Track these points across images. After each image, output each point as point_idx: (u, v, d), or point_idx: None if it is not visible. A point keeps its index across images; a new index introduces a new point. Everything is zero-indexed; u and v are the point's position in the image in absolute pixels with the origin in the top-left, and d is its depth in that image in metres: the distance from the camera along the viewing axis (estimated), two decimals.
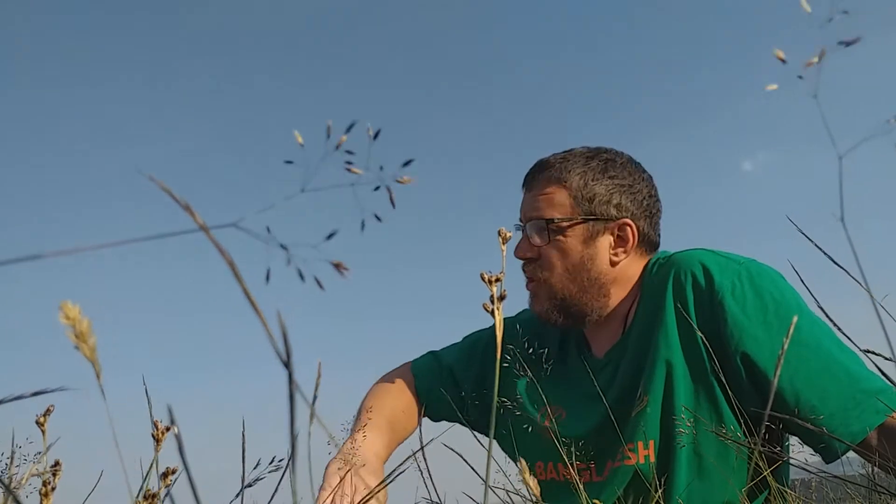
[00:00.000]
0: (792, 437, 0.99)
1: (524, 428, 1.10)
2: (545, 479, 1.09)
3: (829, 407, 0.85)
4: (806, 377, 0.87)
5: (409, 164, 0.35)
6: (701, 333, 0.94)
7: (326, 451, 1.00)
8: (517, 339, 1.17)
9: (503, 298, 0.36)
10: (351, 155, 0.35)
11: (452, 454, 0.90)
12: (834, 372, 0.87)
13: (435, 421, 1.26)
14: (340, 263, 0.32)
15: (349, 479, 0.96)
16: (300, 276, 0.32)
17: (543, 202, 1.06)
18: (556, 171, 1.06)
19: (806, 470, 0.86)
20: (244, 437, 0.78)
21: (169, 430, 0.44)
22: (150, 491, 0.41)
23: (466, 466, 0.88)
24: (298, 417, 0.30)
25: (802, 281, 0.77)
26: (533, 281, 1.08)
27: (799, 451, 0.93)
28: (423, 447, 0.85)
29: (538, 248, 1.06)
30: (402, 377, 1.24)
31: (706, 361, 0.95)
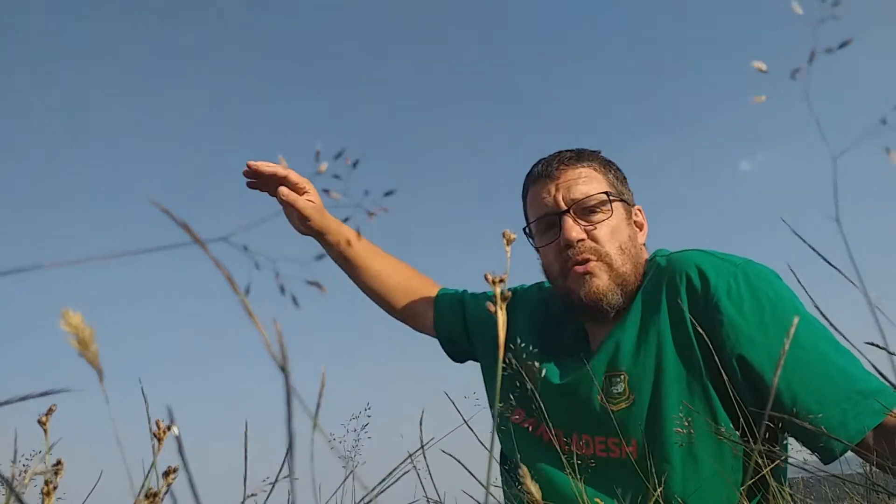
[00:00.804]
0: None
1: (510, 374, 1.10)
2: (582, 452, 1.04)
3: (826, 408, 0.85)
4: (803, 379, 0.87)
5: (390, 194, 0.36)
6: (696, 335, 0.94)
7: (327, 450, 1.00)
8: (533, 301, 1.22)
9: (506, 299, 0.37)
10: (336, 179, 0.36)
11: (452, 454, 0.90)
12: (831, 373, 0.87)
13: (437, 333, 1.32)
14: (318, 282, 0.34)
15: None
16: (282, 291, 0.34)
17: (588, 181, 1.07)
18: (584, 158, 1.09)
19: (804, 469, 0.87)
20: (246, 436, 0.79)
21: (170, 429, 0.45)
22: (151, 490, 0.41)
23: (466, 466, 0.89)
24: (297, 416, 0.30)
25: (799, 281, 0.78)
26: (590, 260, 1.03)
27: (797, 450, 0.93)
28: (423, 447, 0.85)
29: (590, 229, 1.04)
30: (429, 283, 1.37)
31: (701, 362, 0.95)
